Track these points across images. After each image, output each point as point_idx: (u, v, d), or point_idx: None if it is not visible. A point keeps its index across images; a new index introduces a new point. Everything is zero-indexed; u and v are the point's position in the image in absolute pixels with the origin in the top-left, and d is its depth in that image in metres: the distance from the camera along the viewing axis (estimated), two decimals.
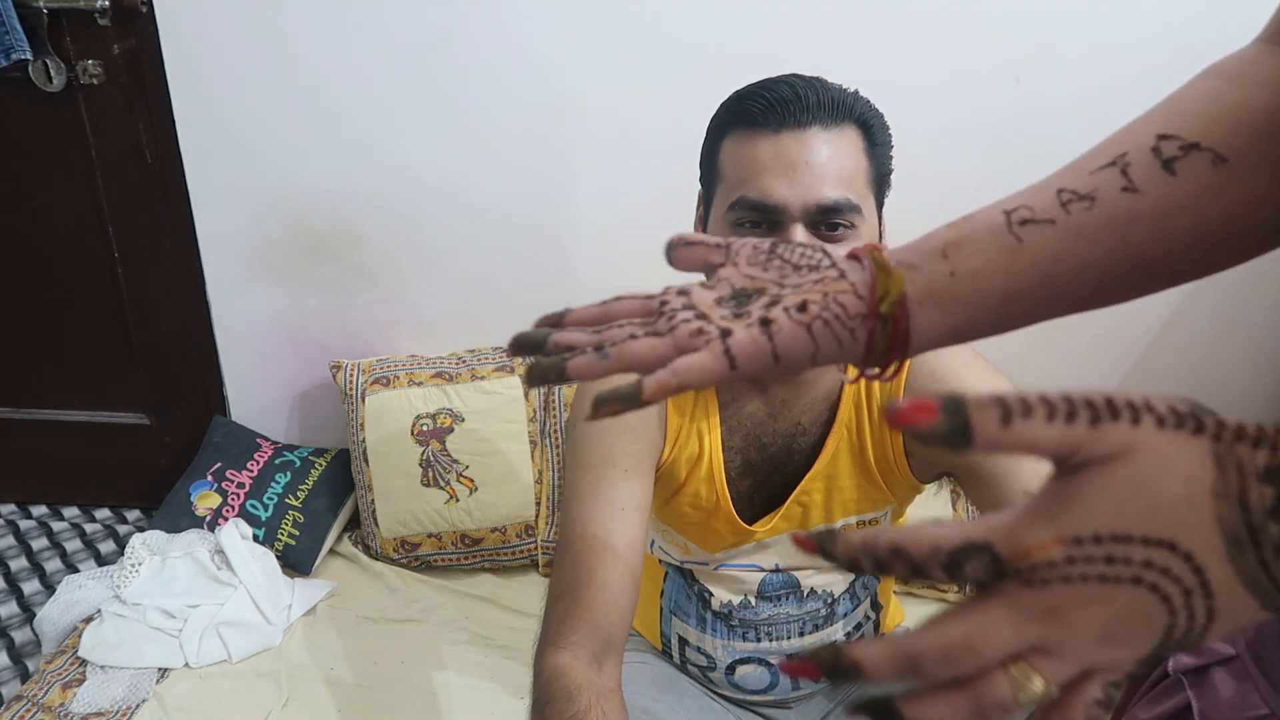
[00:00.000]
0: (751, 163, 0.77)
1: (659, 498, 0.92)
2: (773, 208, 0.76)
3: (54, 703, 1.26)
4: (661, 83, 1.49)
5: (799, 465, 0.90)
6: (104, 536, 1.77)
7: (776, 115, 0.76)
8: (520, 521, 1.60)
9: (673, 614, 1.00)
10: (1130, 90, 1.46)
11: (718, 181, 0.82)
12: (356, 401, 1.63)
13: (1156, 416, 0.30)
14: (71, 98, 1.53)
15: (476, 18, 1.47)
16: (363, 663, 1.39)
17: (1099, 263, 0.40)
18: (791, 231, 0.76)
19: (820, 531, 0.33)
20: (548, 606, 0.81)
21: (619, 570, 0.80)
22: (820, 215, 0.76)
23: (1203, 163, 0.39)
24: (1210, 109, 0.41)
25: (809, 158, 0.76)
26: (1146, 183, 0.40)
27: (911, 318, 0.41)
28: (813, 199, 0.75)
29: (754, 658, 0.97)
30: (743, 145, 0.79)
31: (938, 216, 0.45)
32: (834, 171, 0.76)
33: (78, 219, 1.64)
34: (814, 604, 0.95)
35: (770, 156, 0.76)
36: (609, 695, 0.73)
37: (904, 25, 1.44)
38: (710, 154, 0.83)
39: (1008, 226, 0.41)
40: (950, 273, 0.41)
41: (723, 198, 0.80)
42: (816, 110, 0.76)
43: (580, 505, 0.83)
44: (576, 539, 0.81)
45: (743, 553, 0.93)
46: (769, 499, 0.91)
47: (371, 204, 1.62)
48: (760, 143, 0.77)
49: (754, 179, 0.77)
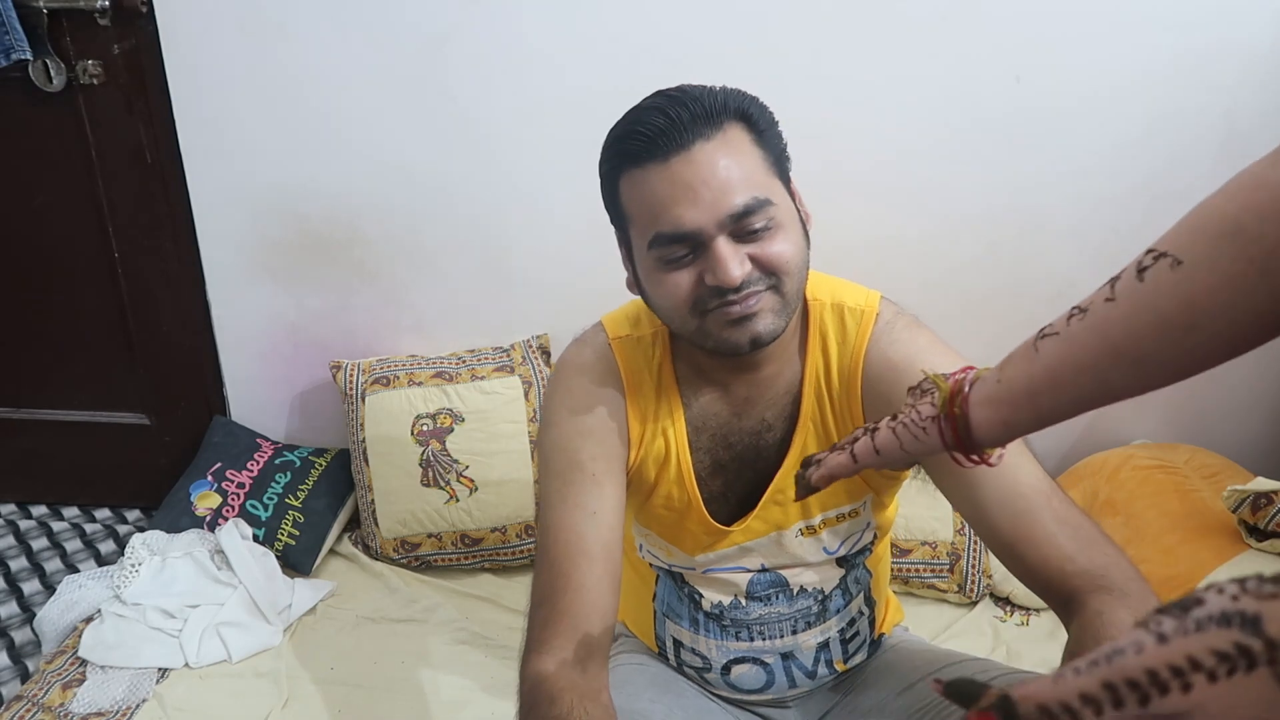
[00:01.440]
0: (653, 198, 0.77)
1: (635, 500, 0.93)
2: (689, 234, 0.76)
3: (54, 703, 1.26)
4: (662, 82, 1.48)
5: (769, 462, 0.90)
6: (104, 536, 1.76)
7: (659, 146, 0.76)
8: (520, 521, 1.60)
9: (666, 616, 1.00)
10: (1130, 91, 1.47)
11: (628, 223, 0.82)
12: (356, 401, 1.63)
13: (1206, 672, 0.29)
14: (71, 98, 1.53)
15: (476, 18, 1.47)
16: (363, 663, 1.39)
17: (1086, 361, 0.50)
18: (716, 247, 0.76)
19: (1000, 700, 0.32)
20: (529, 614, 0.82)
21: (595, 574, 0.81)
22: (736, 223, 0.76)
23: (1164, 267, 0.46)
24: (1188, 219, 0.47)
25: (703, 175, 0.75)
26: (1123, 291, 0.48)
27: (970, 414, 0.56)
28: (724, 212, 0.75)
29: (748, 657, 0.96)
30: (637, 183, 0.78)
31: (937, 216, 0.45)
32: (734, 177, 0.76)
33: (78, 219, 1.64)
34: (805, 601, 0.95)
35: (667, 187, 0.76)
36: (593, 696, 0.74)
37: (904, 25, 1.44)
38: (611, 198, 0.83)
39: (1033, 341, 0.54)
40: (997, 380, 0.56)
41: (639, 237, 0.80)
42: (693, 125, 0.76)
43: (553, 513, 0.85)
44: (551, 545, 0.83)
45: (725, 557, 0.93)
46: (744, 498, 0.91)
47: (371, 204, 1.62)
48: (652, 176, 0.77)
49: (661, 213, 0.77)
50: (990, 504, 0.77)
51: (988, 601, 1.56)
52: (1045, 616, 1.52)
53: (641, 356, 0.91)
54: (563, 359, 0.94)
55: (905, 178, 1.54)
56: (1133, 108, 1.48)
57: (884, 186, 1.55)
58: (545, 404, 0.92)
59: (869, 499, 0.93)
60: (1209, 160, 1.50)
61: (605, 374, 0.90)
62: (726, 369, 0.88)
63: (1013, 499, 0.76)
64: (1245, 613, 0.28)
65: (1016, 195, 1.55)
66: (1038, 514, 0.76)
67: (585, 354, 0.92)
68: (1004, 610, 1.54)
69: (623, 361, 0.90)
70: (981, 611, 1.53)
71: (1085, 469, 1.65)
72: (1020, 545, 0.76)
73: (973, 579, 1.53)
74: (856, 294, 0.89)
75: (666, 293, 0.80)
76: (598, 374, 0.90)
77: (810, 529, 0.92)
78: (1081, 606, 0.72)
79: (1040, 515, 0.76)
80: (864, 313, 0.87)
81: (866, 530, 0.94)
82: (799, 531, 0.91)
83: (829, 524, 0.92)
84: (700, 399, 0.90)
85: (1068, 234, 1.57)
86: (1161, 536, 1.42)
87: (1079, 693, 0.30)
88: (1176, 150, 1.50)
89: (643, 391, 0.90)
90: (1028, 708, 0.30)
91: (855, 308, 0.88)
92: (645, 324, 0.92)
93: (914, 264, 1.58)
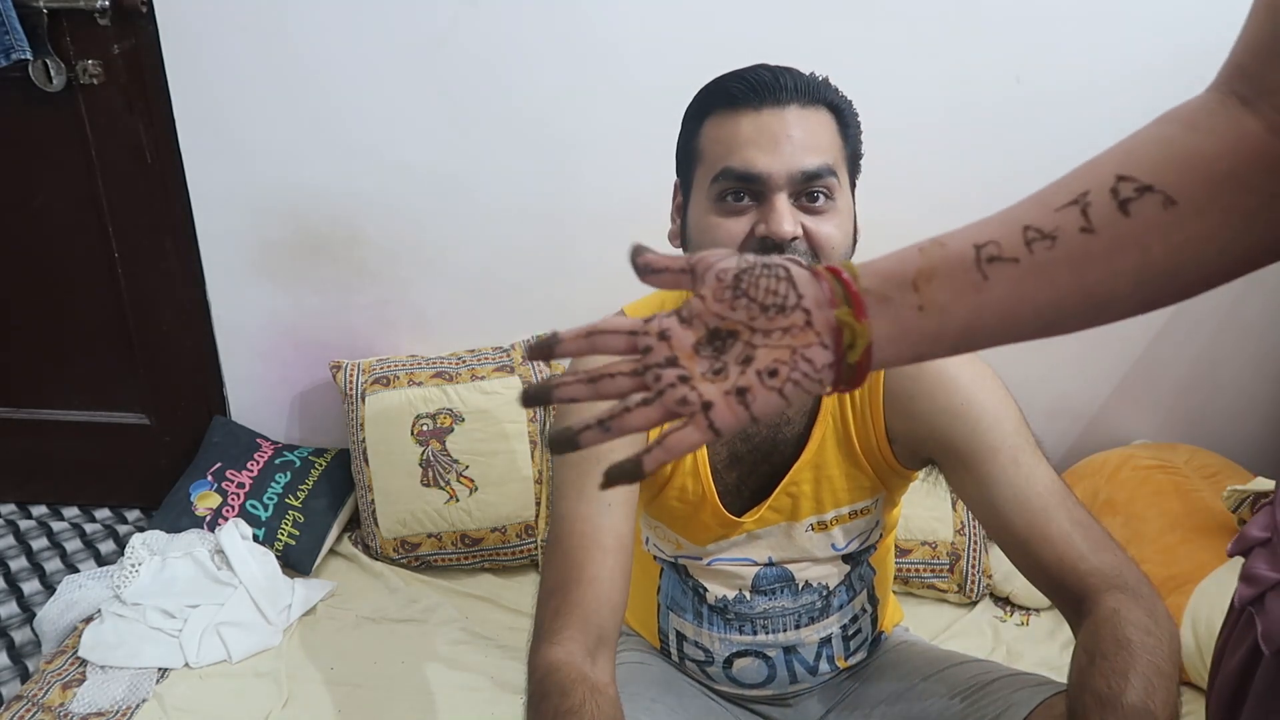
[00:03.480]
0: (734, 138, 0.80)
1: (647, 493, 0.93)
2: (756, 176, 0.79)
3: (54, 703, 1.26)
4: (662, 80, 1.48)
5: (786, 455, 0.90)
6: (104, 536, 1.76)
7: (758, 94, 0.80)
8: (520, 521, 1.60)
9: (670, 609, 1.00)
10: (1130, 89, 1.47)
11: (697, 163, 0.84)
12: (356, 401, 1.63)
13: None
14: (71, 98, 1.53)
15: (476, 17, 1.47)
16: (363, 663, 1.39)
17: (1055, 301, 0.44)
18: (776, 200, 0.78)
19: None
20: (540, 603, 0.82)
21: (609, 565, 0.81)
22: (803, 183, 0.79)
23: (1154, 204, 0.42)
24: (1166, 153, 0.44)
25: (790, 131, 0.79)
26: (1102, 223, 0.43)
27: (874, 354, 0.45)
28: (796, 167, 0.78)
29: (751, 650, 0.97)
30: (724, 123, 0.81)
31: (937, 215, 0.46)
32: (814, 144, 0.80)
33: (78, 219, 1.64)
34: (809, 596, 0.95)
35: (753, 131, 0.79)
36: (602, 690, 0.74)
37: (904, 25, 1.44)
38: (689, 138, 0.86)
39: (976, 263, 0.44)
40: (919, 306, 0.45)
41: (705, 175, 0.82)
42: (794, 91, 0.80)
43: (568, 503, 0.85)
44: (565, 535, 0.83)
45: (734, 545, 0.94)
46: (757, 491, 0.92)
47: (371, 204, 1.62)
48: (742, 120, 0.80)
49: (736, 151, 0.80)
50: (1005, 502, 0.79)
51: (988, 601, 1.56)
52: (1045, 616, 1.52)
53: None
54: None
55: (904, 177, 1.54)
56: (1133, 108, 1.47)
57: (884, 186, 1.55)
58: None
59: (881, 496, 0.93)
60: None
61: None
62: None
63: (1028, 497, 0.78)
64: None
65: (1015, 193, 1.54)
66: (1053, 513, 0.78)
67: None
68: (1004, 610, 1.54)
69: None
70: (981, 611, 1.53)
71: (1085, 469, 1.65)
72: (1035, 544, 0.78)
73: (973, 579, 1.53)
74: None
75: (714, 237, 0.81)
76: None
77: (822, 524, 0.92)
78: (1095, 604, 0.73)
79: (1055, 514, 0.78)
80: None
81: (875, 529, 0.95)
82: (810, 526, 0.92)
83: (841, 520, 0.92)
84: None
85: None
86: (1161, 536, 1.42)
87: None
88: None
89: None
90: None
91: None
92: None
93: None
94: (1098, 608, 0.73)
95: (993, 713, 0.84)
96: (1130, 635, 0.70)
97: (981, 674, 0.91)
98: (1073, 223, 0.43)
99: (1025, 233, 0.44)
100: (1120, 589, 0.73)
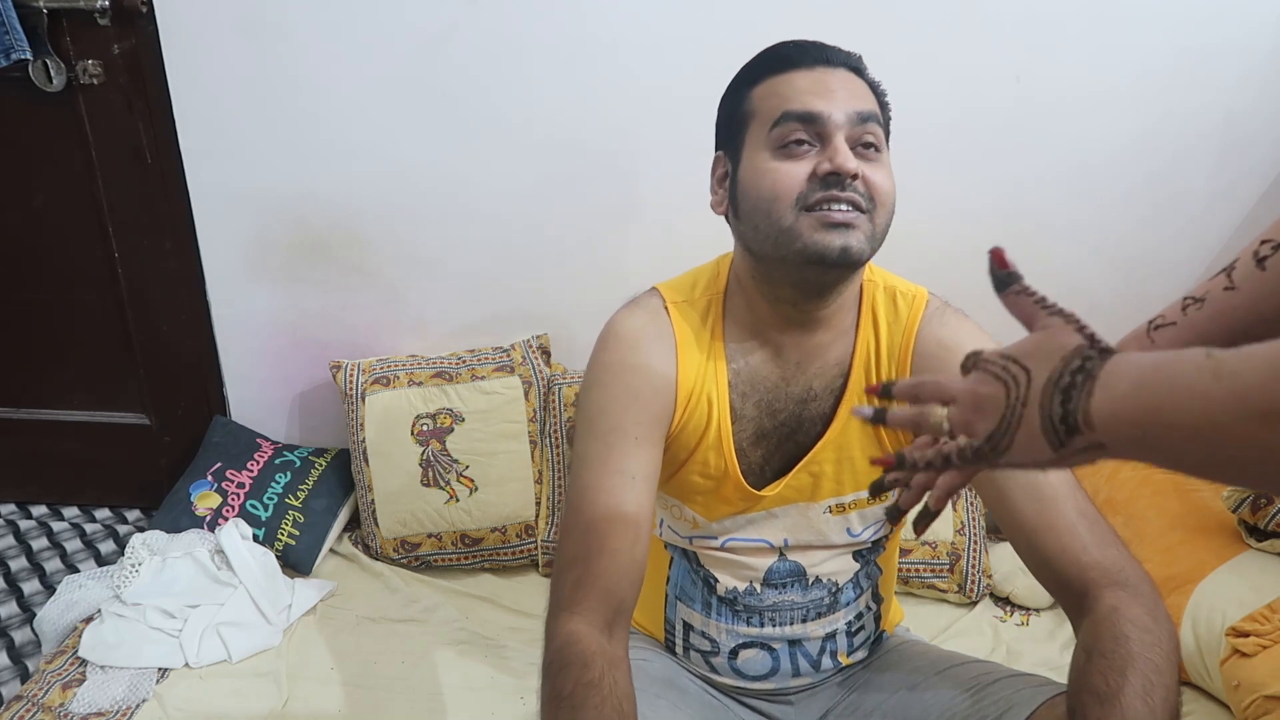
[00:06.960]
0: (789, 90, 0.83)
1: (667, 468, 0.93)
2: (817, 115, 0.80)
3: (54, 703, 1.26)
4: (662, 83, 1.49)
5: (811, 433, 0.91)
6: (104, 536, 1.77)
7: (811, 56, 0.84)
8: (520, 521, 1.60)
9: (678, 599, 1.01)
10: (1130, 91, 1.47)
11: (750, 121, 0.85)
12: (356, 401, 1.63)
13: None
14: (71, 98, 1.53)
15: (476, 18, 1.47)
16: (363, 663, 1.39)
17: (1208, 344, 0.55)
18: (837, 139, 0.80)
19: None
20: (558, 572, 0.82)
21: (629, 538, 0.81)
22: (859, 125, 0.81)
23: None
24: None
25: (841, 83, 0.83)
26: (1243, 280, 0.53)
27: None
28: (852, 108, 0.81)
29: (756, 642, 0.97)
30: (778, 82, 0.84)
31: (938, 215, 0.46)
32: (864, 95, 0.84)
33: (78, 219, 1.64)
34: (819, 592, 0.96)
35: (807, 83, 0.82)
36: (619, 664, 0.75)
37: (904, 25, 1.44)
38: (737, 104, 0.87)
39: (1147, 331, 0.58)
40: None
41: (759, 128, 0.84)
42: (841, 60, 0.85)
43: (592, 474, 0.84)
44: (588, 506, 0.83)
45: (751, 523, 0.94)
46: (780, 470, 0.92)
47: (371, 204, 1.62)
48: (796, 76, 0.83)
49: (795, 98, 0.82)
50: (1016, 488, 0.80)
51: (988, 601, 1.56)
52: (1045, 617, 1.52)
53: (698, 320, 0.92)
54: (614, 321, 0.93)
55: (906, 177, 1.54)
56: (1133, 107, 1.48)
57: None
58: (592, 364, 0.92)
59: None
60: (1209, 160, 1.50)
61: (658, 337, 0.90)
62: (782, 323, 0.88)
63: (1038, 486, 0.80)
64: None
65: (1016, 194, 1.54)
66: (1061, 503, 0.79)
67: (638, 316, 0.92)
68: (1004, 610, 1.54)
69: (678, 326, 0.91)
70: (981, 611, 1.53)
71: (1085, 468, 1.65)
72: (1041, 533, 0.79)
73: (973, 579, 1.53)
74: (906, 283, 0.94)
75: (775, 181, 0.81)
76: (650, 337, 0.90)
77: (840, 507, 0.92)
78: (1096, 601, 0.74)
79: (1063, 505, 0.79)
80: (915, 297, 0.92)
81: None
82: (828, 509, 0.92)
83: (859, 505, 0.93)
84: (751, 360, 0.91)
85: (1068, 234, 1.57)
86: (1161, 536, 1.42)
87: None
88: (1177, 150, 1.50)
89: (694, 357, 0.90)
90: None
91: (907, 292, 0.92)
92: (701, 291, 0.93)
93: (912, 262, 1.57)
94: (1098, 605, 0.73)
95: (995, 712, 0.84)
96: (1129, 633, 0.70)
97: (984, 674, 0.91)
98: (1218, 285, 0.54)
99: (1183, 302, 0.56)
100: (1121, 586, 0.74)
